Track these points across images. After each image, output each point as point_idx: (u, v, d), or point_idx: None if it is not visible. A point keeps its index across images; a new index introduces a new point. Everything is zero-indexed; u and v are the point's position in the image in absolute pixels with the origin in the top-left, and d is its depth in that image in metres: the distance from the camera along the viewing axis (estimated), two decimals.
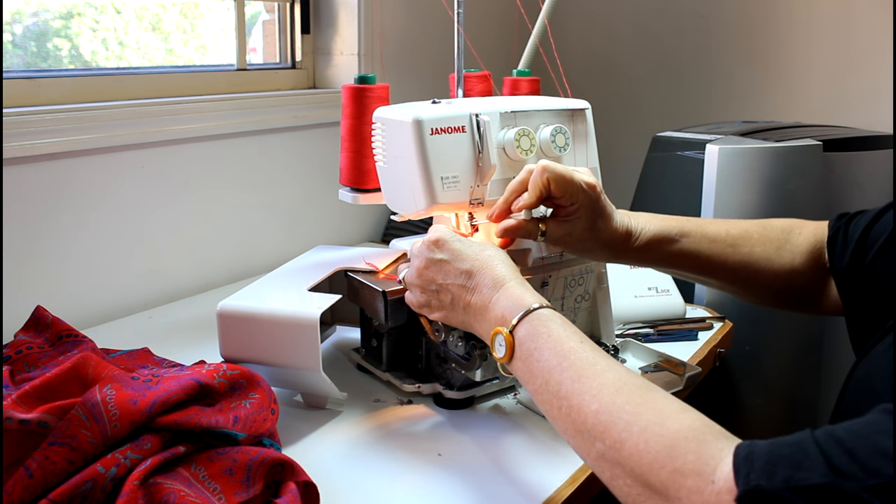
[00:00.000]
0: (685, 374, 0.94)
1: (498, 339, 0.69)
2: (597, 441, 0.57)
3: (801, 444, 0.48)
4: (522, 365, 0.67)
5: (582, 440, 0.59)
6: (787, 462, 0.47)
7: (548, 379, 0.63)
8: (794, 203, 1.34)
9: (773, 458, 0.47)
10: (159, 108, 1.22)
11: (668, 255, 0.86)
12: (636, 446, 0.54)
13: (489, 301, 0.72)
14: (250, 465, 0.67)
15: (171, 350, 0.98)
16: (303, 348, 0.83)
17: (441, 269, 0.76)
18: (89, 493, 0.61)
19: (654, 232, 0.85)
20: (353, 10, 1.52)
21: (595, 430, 0.57)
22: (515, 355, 0.67)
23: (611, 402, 0.58)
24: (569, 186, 0.79)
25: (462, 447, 0.82)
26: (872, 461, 0.44)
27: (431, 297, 0.78)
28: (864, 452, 0.45)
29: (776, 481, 0.46)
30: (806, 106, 1.78)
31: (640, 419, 0.55)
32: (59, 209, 1.12)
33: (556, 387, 0.62)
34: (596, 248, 0.84)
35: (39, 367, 0.83)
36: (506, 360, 0.68)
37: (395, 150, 0.89)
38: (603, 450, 0.56)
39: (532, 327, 0.67)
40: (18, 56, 1.17)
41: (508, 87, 1.16)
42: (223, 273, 1.37)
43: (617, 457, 0.55)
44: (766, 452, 0.48)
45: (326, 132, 1.51)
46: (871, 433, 0.46)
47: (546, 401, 0.63)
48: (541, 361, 0.65)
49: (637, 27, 2.01)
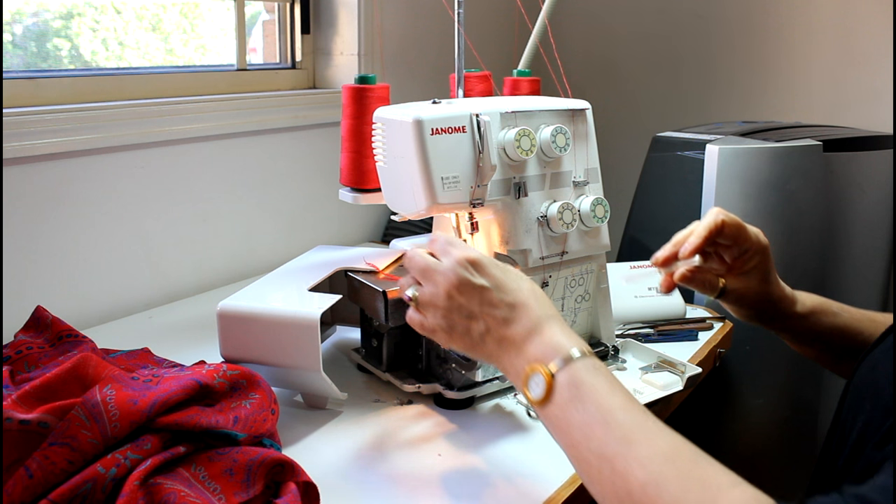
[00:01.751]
0: (685, 374, 0.94)
1: (535, 379, 0.61)
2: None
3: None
4: (560, 413, 0.59)
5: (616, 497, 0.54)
6: None
7: (589, 435, 0.57)
8: (794, 203, 1.34)
9: None
10: (159, 108, 1.22)
11: (828, 327, 0.86)
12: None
13: (528, 337, 0.64)
14: (250, 465, 0.67)
15: (171, 350, 0.98)
16: (303, 348, 0.83)
17: (481, 296, 0.67)
18: (89, 494, 0.61)
19: (816, 302, 0.86)
20: (353, 10, 1.52)
21: (639, 499, 0.52)
22: (553, 400, 0.60)
23: (659, 472, 0.52)
24: (742, 230, 0.80)
25: (462, 447, 0.82)
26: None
27: (458, 323, 0.68)
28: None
29: None
30: (806, 106, 1.78)
31: (689, 497, 0.51)
32: (60, 209, 1.12)
33: (598, 446, 0.56)
34: (770, 309, 0.85)
35: (39, 368, 0.83)
36: (541, 404, 0.61)
37: (396, 151, 0.89)
38: None
39: (577, 374, 0.60)
40: (18, 56, 1.17)
41: (509, 88, 1.16)
42: (223, 273, 1.37)
43: None
44: None
45: (326, 132, 1.51)
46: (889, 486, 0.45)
47: (585, 459, 0.57)
48: (583, 413, 0.58)
49: (637, 27, 2.01)
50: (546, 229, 0.93)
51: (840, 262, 1.42)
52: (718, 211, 0.81)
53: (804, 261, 1.36)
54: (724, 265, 0.85)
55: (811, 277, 1.38)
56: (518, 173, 0.91)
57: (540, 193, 0.93)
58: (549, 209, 0.92)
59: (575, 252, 0.96)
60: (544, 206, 0.93)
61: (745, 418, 1.41)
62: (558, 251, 0.94)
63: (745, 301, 0.85)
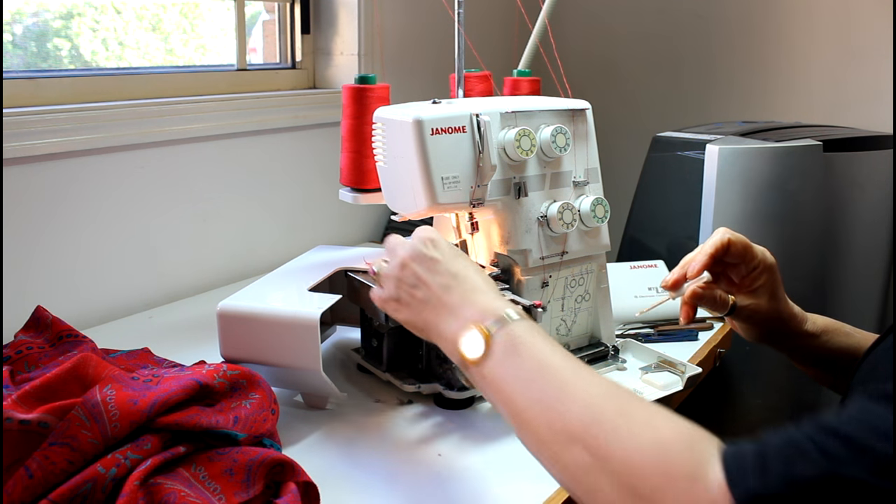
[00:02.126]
0: (685, 374, 0.94)
1: (472, 337, 0.62)
2: (578, 447, 0.53)
3: (791, 440, 0.46)
4: (497, 368, 0.60)
5: (558, 444, 0.54)
6: (779, 459, 0.45)
7: (528, 384, 0.58)
8: (795, 203, 1.34)
9: (764, 458, 0.45)
10: (159, 108, 1.22)
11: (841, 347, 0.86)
12: (625, 450, 0.51)
13: (465, 303, 0.66)
14: (250, 465, 0.67)
15: (171, 350, 0.98)
16: (303, 348, 0.83)
17: (430, 266, 0.70)
18: (89, 494, 0.61)
19: (828, 322, 0.87)
20: (353, 10, 1.52)
21: (579, 435, 0.53)
22: (491, 356, 0.61)
23: (600, 408, 0.54)
24: (748, 248, 0.82)
25: (462, 447, 0.82)
26: (870, 443, 0.42)
27: (404, 291, 0.71)
28: (858, 434, 0.43)
29: (771, 480, 0.44)
30: (806, 106, 1.78)
31: (631, 424, 0.52)
32: (59, 209, 1.12)
33: (536, 393, 0.57)
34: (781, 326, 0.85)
35: (39, 368, 0.83)
36: (478, 362, 0.62)
37: (396, 151, 0.89)
38: (585, 457, 0.52)
39: (514, 331, 0.62)
40: (18, 56, 1.17)
41: (509, 88, 1.16)
42: (223, 273, 1.37)
43: (601, 463, 0.51)
44: (755, 455, 0.46)
45: (326, 132, 1.51)
46: (860, 416, 0.44)
47: (522, 409, 0.58)
48: (521, 365, 0.59)
49: (637, 27, 2.01)
50: (546, 229, 0.93)
51: (840, 262, 1.42)
52: (724, 230, 0.83)
53: (804, 261, 1.36)
54: (732, 285, 0.87)
55: (811, 277, 1.37)
56: (518, 173, 0.91)
57: (540, 193, 0.93)
58: (549, 209, 0.92)
59: (575, 252, 0.96)
60: (544, 206, 0.93)
61: (745, 418, 1.41)
62: (558, 251, 0.94)
63: (756, 319, 0.85)
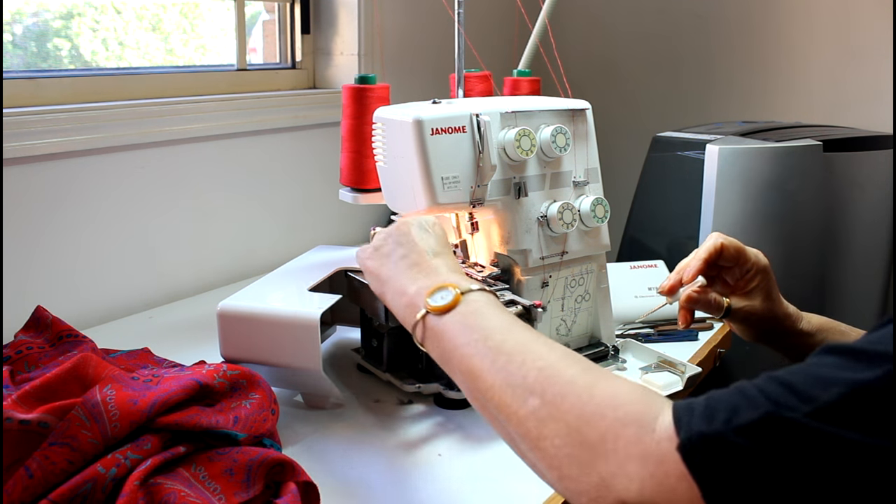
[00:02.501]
0: (685, 374, 0.94)
1: (444, 291, 0.64)
2: (533, 396, 0.53)
3: (740, 389, 0.47)
4: (459, 319, 0.62)
5: (513, 397, 0.54)
6: (726, 406, 0.45)
7: (487, 335, 0.59)
8: (794, 203, 1.34)
9: (713, 405, 0.46)
10: (159, 108, 1.22)
11: None
12: (579, 397, 0.51)
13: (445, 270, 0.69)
14: (250, 465, 0.67)
15: (171, 350, 0.98)
16: (303, 348, 0.83)
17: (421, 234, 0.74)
18: (89, 494, 0.61)
19: (823, 320, 0.88)
20: (353, 10, 1.52)
21: (534, 385, 0.54)
22: (456, 309, 0.62)
23: (558, 362, 0.55)
24: (741, 252, 0.83)
25: (462, 447, 0.82)
26: (811, 389, 0.43)
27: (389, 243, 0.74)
28: (803, 382, 0.44)
29: (716, 424, 0.45)
30: (806, 106, 1.78)
31: (588, 376, 0.53)
32: (59, 209, 1.12)
33: (498, 343, 0.58)
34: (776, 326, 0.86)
35: (39, 368, 0.83)
36: (442, 310, 0.63)
37: (396, 151, 0.89)
38: (538, 406, 0.53)
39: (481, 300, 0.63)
40: (18, 56, 1.17)
41: (509, 88, 1.16)
42: (223, 273, 1.37)
43: (553, 411, 0.52)
44: (705, 402, 0.47)
45: (326, 132, 1.51)
46: (808, 367, 0.45)
47: (476, 355, 0.58)
48: (483, 321, 0.61)
49: (637, 27, 2.01)
50: (546, 229, 0.93)
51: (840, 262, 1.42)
52: (717, 235, 0.84)
53: (804, 261, 1.36)
54: (727, 288, 0.88)
55: (811, 277, 1.37)
56: (518, 173, 0.91)
57: (540, 193, 0.93)
58: (549, 209, 0.92)
59: (575, 252, 0.96)
60: (544, 206, 0.93)
61: None
62: (558, 251, 0.94)
63: (751, 320, 0.87)
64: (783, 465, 0.42)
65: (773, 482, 0.42)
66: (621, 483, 0.47)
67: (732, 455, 0.43)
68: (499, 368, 0.56)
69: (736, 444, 0.43)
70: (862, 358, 0.43)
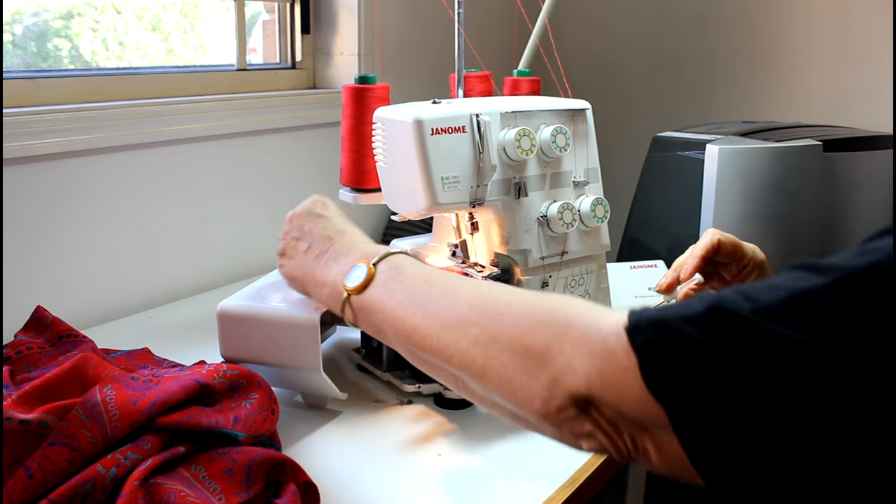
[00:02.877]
0: None
1: (355, 271, 0.65)
2: (471, 326, 0.54)
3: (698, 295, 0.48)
4: (380, 290, 0.63)
5: (451, 335, 0.55)
6: (679, 305, 0.46)
7: (412, 292, 0.60)
8: (794, 203, 1.34)
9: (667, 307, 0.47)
10: (159, 108, 1.22)
11: None
12: (517, 315, 0.52)
13: (348, 251, 0.70)
14: (250, 465, 0.67)
15: (171, 350, 0.98)
16: (303, 348, 0.83)
17: (316, 220, 0.76)
18: (89, 494, 0.61)
19: None
20: (353, 10, 1.52)
21: (470, 316, 0.55)
22: (375, 281, 0.64)
23: (489, 292, 0.56)
24: (738, 247, 0.84)
25: (462, 447, 0.82)
26: (760, 293, 0.43)
27: (289, 243, 0.78)
28: (755, 289, 0.44)
29: (666, 313, 0.45)
30: (806, 106, 1.78)
31: (521, 294, 0.54)
32: (59, 209, 1.12)
33: (423, 296, 0.59)
34: None
35: (39, 368, 0.83)
36: (360, 289, 0.64)
37: (396, 151, 0.89)
38: (477, 333, 0.53)
39: (395, 261, 0.65)
40: (18, 56, 1.17)
41: (509, 88, 1.16)
42: (223, 273, 1.37)
43: (493, 332, 0.53)
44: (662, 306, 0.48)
45: (326, 132, 1.51)
46: (766, 279, 0.46)
47: (406, 315, 0.59)
48: (405, 282, 0.62)
49: (637, 27, 2.01)
50: (546, 229, 0.93)
51: None
52: (714, 231, 0.85)
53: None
54: (724, 283, 0.88)
55: None
56: (518, 173, 0.92)
57: (540, 193, 0.93)
58: (549, 209, 0.92)
59: (575, 252, 0.96)
60: (544, 206, 0.93)
61: None
62: (558, 251, 0.94)
63: None
64: (723, 356, 0.42)
65: (712, 372, 0.42)
66: (570, 378, 0.48)
67: (675, 339, 0.44)
68: (431, 315, 0.58)
69: (680, 329, 0.44)
70: (817, 271, 0.43)
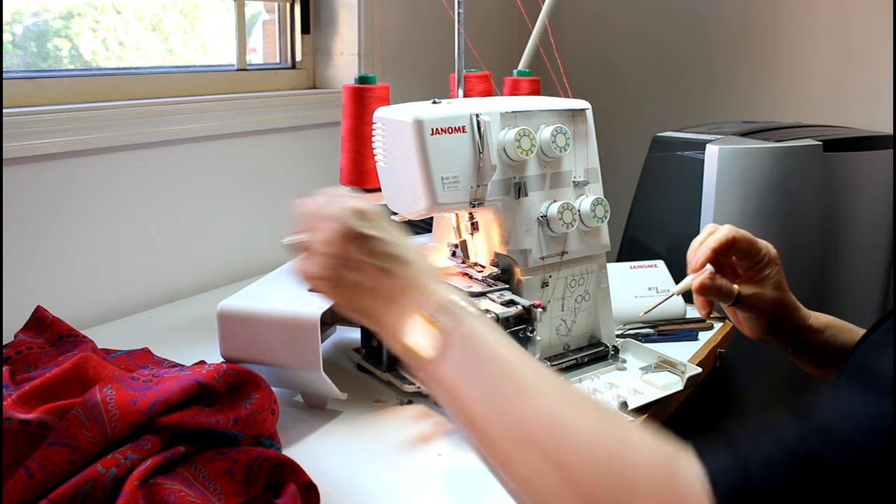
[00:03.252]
0: (685, 374, 0.94)
1: (422, 330, 0.59)
2: (538, 453, 0.52)
3: (782, 445, 0.46)
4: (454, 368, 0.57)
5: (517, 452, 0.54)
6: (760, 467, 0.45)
7: (490, 391, 0.55)
8: (795, 203, 1.34)
9: (747, 467, 0.45)
10: (159, 108, 1.22)
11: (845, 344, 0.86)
12: (586, 454, 0.50)
13: (405, 291, 0.61)
14: (250, 465, 0.67)
15: (171, 350, 0.98)
16: (303, 348, 0.83)
17: (367, 245, 0.63)
18: (89, 494, 0.61)
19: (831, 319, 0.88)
20: (353, 10, 1.52)
21: (538, 441, 0.52)
22: (448, 356, 0.57)
23: (560, 411, 0.53)
24: (753, 244, 0.84)
25: (462, 447, 0.82)
26: (857, 440, 0.42)
27: (339, 272, 0.64)
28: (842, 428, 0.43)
29: None
30: (806, 106, 1.78)
31: (592, 426, 0.52)
32: (59, 209, 1.12)
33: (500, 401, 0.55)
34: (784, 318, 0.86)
35: (39, 368, 0.83)
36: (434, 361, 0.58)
37: (396, 151, 0.89)
38: (541, 461, 0.52)
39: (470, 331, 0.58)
40: (18, 56, 1.17)
41: (509, 88, 1.16)
42: (223, 273, 1.37)
43: (558, 467, 0.51)
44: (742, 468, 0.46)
45: (326, 132, 1.51)
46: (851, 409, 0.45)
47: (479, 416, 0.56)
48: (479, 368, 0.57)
49: (637, 27, 2.01)
50: (546, 229, 0.93)
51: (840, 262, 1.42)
52: (730, 228, 0.84)
53: (804, 261, 1.36)
54: (737, 276, 0.88)
55: (811, 277, 1.37)
56: (518, 173, 0.92)
57: (540, 193, 0.93)
58: (549, 209, 0.92)
59: (575, 252, 0.96)
60: (544, 206, 0.93)
61: (745, 418, 1.41)
62: (558, 251, 0.94)
63: (760, 308, 0.86)
64: None
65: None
66: None
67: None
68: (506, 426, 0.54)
69: None
70: None
